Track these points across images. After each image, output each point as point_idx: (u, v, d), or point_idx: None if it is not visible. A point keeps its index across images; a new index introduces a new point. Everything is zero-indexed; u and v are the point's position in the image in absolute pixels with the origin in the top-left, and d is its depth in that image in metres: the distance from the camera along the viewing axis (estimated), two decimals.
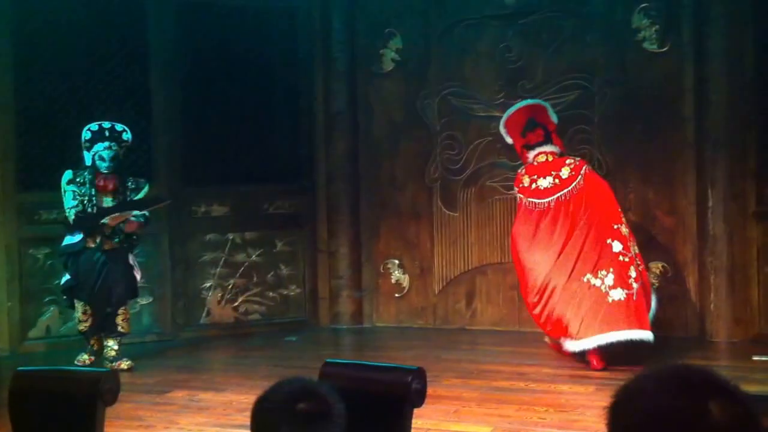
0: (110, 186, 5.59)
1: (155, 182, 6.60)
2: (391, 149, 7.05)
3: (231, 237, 6.86)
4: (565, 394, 4.83)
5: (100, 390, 2.31)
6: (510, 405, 4.60)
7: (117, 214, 5.50)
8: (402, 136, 7.02)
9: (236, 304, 6.89)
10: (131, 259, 5.74)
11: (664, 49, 6.21)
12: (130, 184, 5.68)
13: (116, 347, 5.63)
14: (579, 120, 6.46)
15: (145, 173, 6.50)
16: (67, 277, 5.65)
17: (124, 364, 5.54)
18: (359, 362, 3.26)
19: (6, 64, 6.20)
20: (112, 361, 5.56)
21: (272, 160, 7.05)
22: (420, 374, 2.31)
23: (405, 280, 7.00)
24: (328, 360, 2.42)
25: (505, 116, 5.95)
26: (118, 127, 5.69)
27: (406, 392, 2.26)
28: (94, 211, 5.52)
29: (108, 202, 5.59)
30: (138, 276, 5.78)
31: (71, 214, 5.52)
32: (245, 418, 4.13)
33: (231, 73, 6.82)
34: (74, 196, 5.54)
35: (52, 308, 6.28)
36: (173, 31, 6.64)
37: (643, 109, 6.30)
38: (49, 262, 6.19)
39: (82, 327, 5.66)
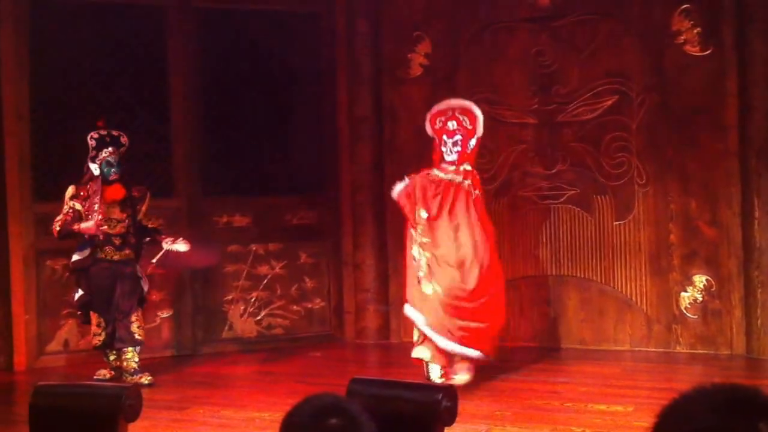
0: (119, 196, 5.68)
1: (175, 192, 6.67)
2: (417, 157, 7.04)
3: (253, 248, 6.90)
4: (602, 413, 4.80)
5: (123, 406, 2.34)
6: (545, 425, 4.58)
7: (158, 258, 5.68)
8: (429, 144, 7.01)
9: (259, 317, 6.92)
10: (139, 270, 5.77)
11: (706, 52, 6.17)
12: (135, 192, 5.75)
13: (137, 360, 5.67)
14: (616, 127, 6.44)
15: (164, 182, 6.58)
16: (80, 292, 5.74)
17: (145, 379, 5.58)
18: (387, 379, 3.26)
19: (23, 72, 6.29)
20: (132, 374, 5.62)
21: (295, 169, 7.09)
22: (450, 392, 2.31)
23: None
24: (355, 377, 2.43)
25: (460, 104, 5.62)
26: (114, 132, 5.78)
27: (436, 410, 2.26)
28: (103, 221, 5.63)
29: (116, 212, 5.67)
30: (146, 288, 5.82)
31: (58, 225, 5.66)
32: None
33: (252, 80, 6.88)
34: (67, 210, 5.65)
35: (70, 321, 6.34)
36: (193, 37, 6.71)
37: (683, 115, 6.27)
38: (66, 274, 6.25)
39: (95, 341, 5.73)
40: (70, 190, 5.70)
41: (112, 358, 5.81)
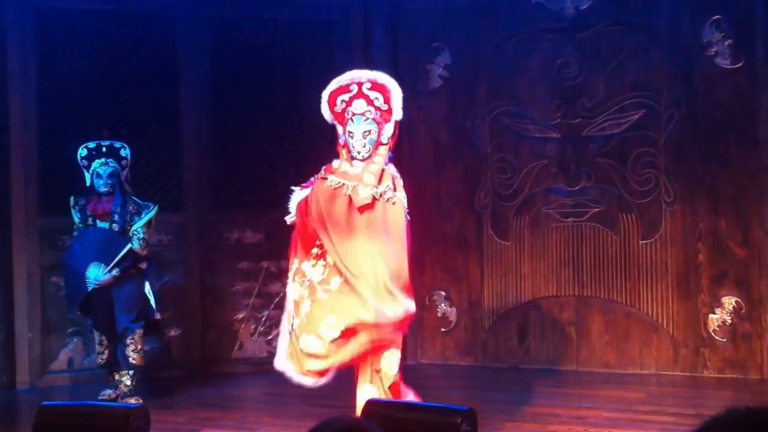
0: (99, 210, 5.62)
1: (184, 206, 6.71)
2: (436, 173, 7.08)
3: (265, 266, 6.93)
4: None
5: (130, 427, 2.36)
6: None
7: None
8: (449, 159, 7.05)
9: (270, 337, 6.93)
10: (147, 288, 5.70)
11: (738, 65, 6.17)
12: (131, 207, 5.64)
13: (129, 382, 5.62)
14: (643, 142, 6.43)
15: (173, 196, 6.62)
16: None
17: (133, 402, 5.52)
18: (404, 402, 3.26)
19: (30, 82, 6.36)
20: (122, 398, 5.59)
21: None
22: (470, 416, 2.32)
23: (452, 314, 7.00)
24: (371, 399, 2.45)
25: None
26: (117, 143, 5.76)
27: None
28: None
29: (105, 224, 5.61)
30: (153, 306, 5.72)
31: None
32: None
33: (265, 91, 6.92)
34: (75, 225, 5.69)
35: (75, 339, 6.38)
36: (204, 47, 6.76)
37: (713, 130, 6.26)
38: None
39: (99, 360, 5.73)
40: (70, 201, 5.73)
41: (116, 378, 5.82)
